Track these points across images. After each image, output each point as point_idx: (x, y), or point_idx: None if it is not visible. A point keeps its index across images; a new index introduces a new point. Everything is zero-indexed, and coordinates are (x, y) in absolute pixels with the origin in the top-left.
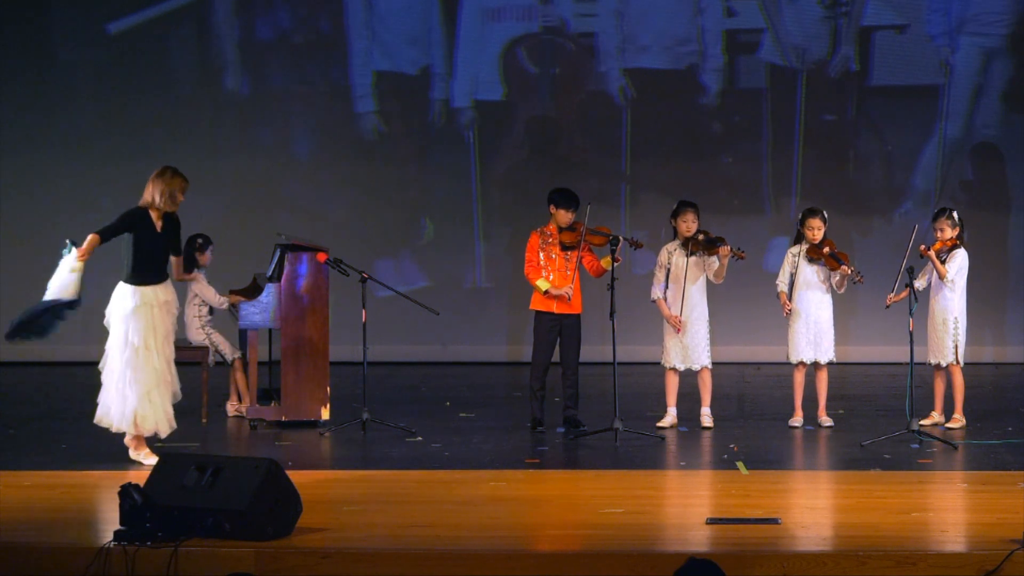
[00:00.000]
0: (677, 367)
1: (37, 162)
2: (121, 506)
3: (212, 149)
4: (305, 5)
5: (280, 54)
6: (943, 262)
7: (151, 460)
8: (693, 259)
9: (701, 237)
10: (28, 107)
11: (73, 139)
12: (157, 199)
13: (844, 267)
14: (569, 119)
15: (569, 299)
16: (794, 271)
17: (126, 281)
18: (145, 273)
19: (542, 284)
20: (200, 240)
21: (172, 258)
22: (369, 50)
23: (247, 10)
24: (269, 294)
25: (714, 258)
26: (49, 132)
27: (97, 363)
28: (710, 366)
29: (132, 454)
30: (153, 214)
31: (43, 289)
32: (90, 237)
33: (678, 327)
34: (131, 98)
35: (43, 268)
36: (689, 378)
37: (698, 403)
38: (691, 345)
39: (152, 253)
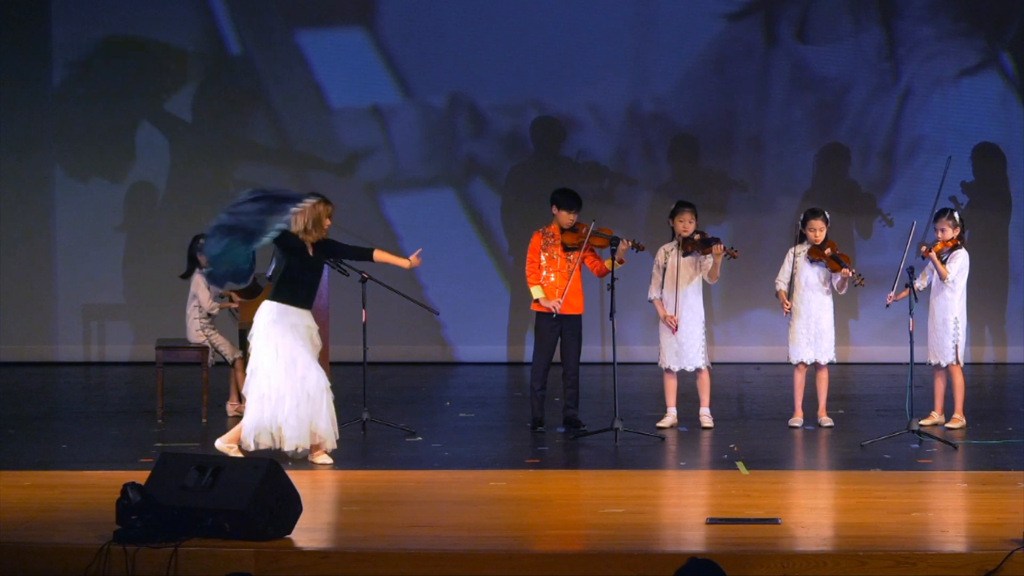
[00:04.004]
0: (672, 368)
1: (37, 162)
2: (121, 506)
3: (213, 150)
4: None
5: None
6: (944, 263)
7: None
8: (689, 259)
9: (697, 237)
10: (26, 107)
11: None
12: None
13: (845, 269)
14: (571, 119)
15: (556, 313)
16: (794, 271)
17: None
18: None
19: (535, 292)
20: (202, 240)
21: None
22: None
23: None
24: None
25: (708, 257)
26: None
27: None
28: (705, 367)
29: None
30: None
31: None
32: None
33: (673, 327)
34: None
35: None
36: (689, 378)
37: (698, 403)
38: (685, 344)
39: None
